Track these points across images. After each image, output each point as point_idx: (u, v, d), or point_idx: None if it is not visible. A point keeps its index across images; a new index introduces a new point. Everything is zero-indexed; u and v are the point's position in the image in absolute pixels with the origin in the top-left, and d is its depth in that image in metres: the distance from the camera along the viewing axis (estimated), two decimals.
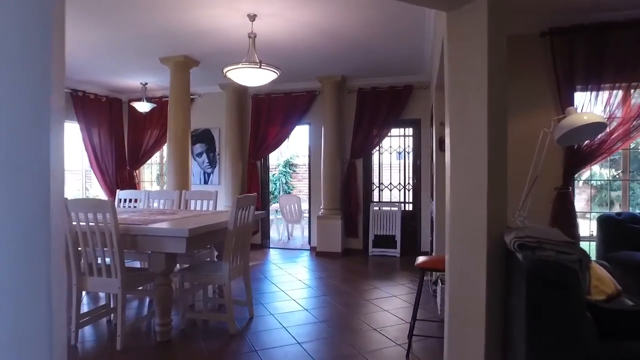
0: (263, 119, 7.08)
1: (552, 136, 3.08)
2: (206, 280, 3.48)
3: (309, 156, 7.17)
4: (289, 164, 14.16)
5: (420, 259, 3.09)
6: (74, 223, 2.99)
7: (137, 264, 4.43)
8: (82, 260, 3.06)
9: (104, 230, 2.94)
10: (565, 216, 4.14)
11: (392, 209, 6.70)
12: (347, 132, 6.82)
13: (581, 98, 4.04)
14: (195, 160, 7.43)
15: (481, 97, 2.08)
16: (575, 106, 3.94)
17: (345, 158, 6.80)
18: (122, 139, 7.65)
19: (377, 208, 6.76)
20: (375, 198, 6.98)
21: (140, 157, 7.60)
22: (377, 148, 6.87)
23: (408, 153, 6.79)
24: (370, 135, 6.70)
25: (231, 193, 7.09)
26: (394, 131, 6.86)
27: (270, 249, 7.31)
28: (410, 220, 6.73)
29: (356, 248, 6.85)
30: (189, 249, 2.99)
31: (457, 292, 2.18)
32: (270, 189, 14.34)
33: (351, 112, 6.77)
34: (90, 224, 2.96)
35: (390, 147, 6.87)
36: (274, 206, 9.16)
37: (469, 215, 2.13)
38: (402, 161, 6.83)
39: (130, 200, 4.90)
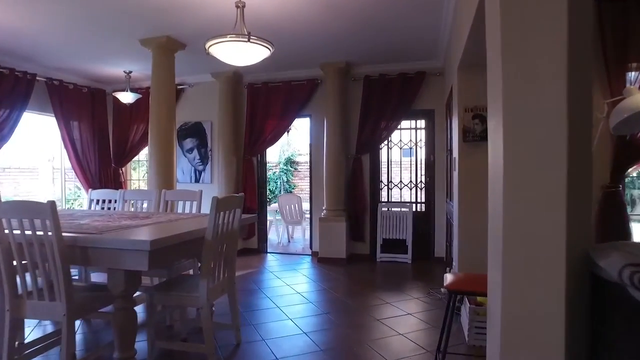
0: (259, 110, 6.43)
1: (607, 123, 2.43)
2: (178, 303, 2.82)
3: (310, 152, 6.51)
4: (290, 162, 13.51)
5: (449, 277, 2.43)
6: (7, 231, 2.34)
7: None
8: (19, 279, 2.41)
9: (44, 241, 2.29)
10: (615, 220, 3.45)
11: (403, 210, 6.03)
12: (353, 125, 6.15)
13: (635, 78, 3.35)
14: (185, 156, 6.79)
15: (558, 64, 1.42)
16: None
17: (350, 154, 6.14)
18: (107, 134, 7.01)
19: (386, 209, 6.09)
20: (384, 198, 6.31)
21: (126, 154, 6.97)
22: (386, 142, 6.20)
23: (420, 147, 6.11)
24: (378, 128, 6.03)
25: (225, 192, 6.43)
26: (405, 123, 6.19)
27: (268, 254, 6.65)
28: (423, 223, 6.06)
29: (362, 253, 6.19)
30: (154, 265, 2.33)
31: (516, 332, 1.51)
32: (271, 188, 13.71)
33: (357, 102, 6.11)
34: (28, 232, 2.32)
35: (401, 141, 6.20)
36: (273, 206, 8.51)
37: (536, 227, 1.46)
38: (413, 157, 6.15)
39: (106, 201, 4.25)
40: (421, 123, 6.14)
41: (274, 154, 15.75)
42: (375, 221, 6.06)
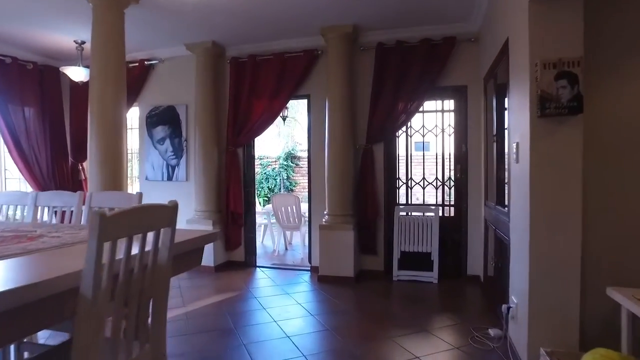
0: (245, 90, 5.14)
1: None
2: None
3: (309, 141, 5.21)
4: (291, 157, 12.22)
5: None
6: None
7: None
8: None
9: None
10: None
11: (427, 215, 4.73)
12: (362, 107, 4.85)
13: None
14: (155, 148, 5.52)
15: None
16: None
17: (360, 143, 4.84)
18: (62, 121, 5.76)
19: (405, 214, 4.80)
20: (402, 199, 5.01)
21: (86, 145, 5.70)
22: (404, 129, 4.89)
23: (449, 135, 4.80)
24: (395, 111, 4.73)
25: (203, 192, 5.17)
26: (429, 105, 4.88)
27: (258, 270, 5.38)
28: (452, 231, 4.76)
29: (375, 270, 4.90)
30: None
31: None
32: (270, 185, 12.47)
33: (367, 78, 4.81)
34: None
35: (423, 127, 4.88)
36: (269, 207, 7.24)
37: None
38: (439, 147, 4.84)
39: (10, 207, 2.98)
40: (449, 104, 4.82)
41: (274, 148, 14.51)
42: (391, 229, 4.77)
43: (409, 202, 4.99)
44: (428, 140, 4.95)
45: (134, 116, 5.74)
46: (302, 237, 6.60)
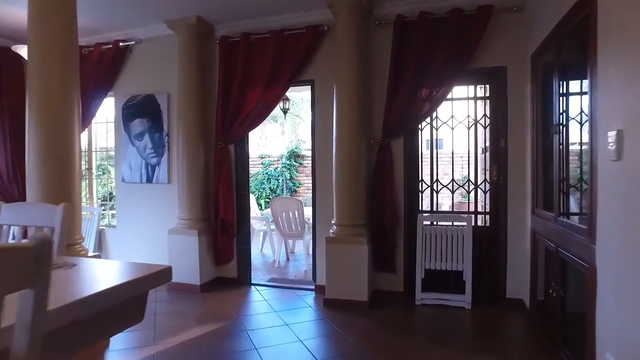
0: (237, 75, 4.31)
1: None
2: None
3: (313, 136, 4.37)
4: (294, 155, 11.39)
5: None
6: None
7: None
8: None
9: None
10: None
11: (457, 224, 3.88)
12: (377, 94, 4.01)
13: None
14: (133, 145, 4.71)
15: None
16: None
17: (375, 138, 4.00)
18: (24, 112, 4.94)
19: (430, 223, 3.95)
20: (426, 205, 4.16)
21: None
22: (429, 120, 4.04)
23: (484, 127, 3.94)
24: (417, 99, 3.88)
25: (188, 197, 4.35)
26: (459, 92, 4.02)
27: (253, 288, 4.55)
28: (488, 245, 3.90)
29: (393, 291, 4.06)
30: None
31: None
32: (272, 186, 11.65)
33: (383, 58, 3.96)
34: None
35: (452, 117, 4.02)
36: (267, 211, 6.42)
37: None
38: (471, 142, 3.98)
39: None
40: (483, 90, 3.97)
41: (276, 147, 13.69)
42: (413, 242, 3.92)
43: (435, 209, 4.13)
44: (458, 134, 4.09)
45: (109, 108, 4.93)
46: (305, 246, 5.76)
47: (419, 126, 4.02)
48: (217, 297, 4.21)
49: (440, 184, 4.04)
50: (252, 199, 7.09)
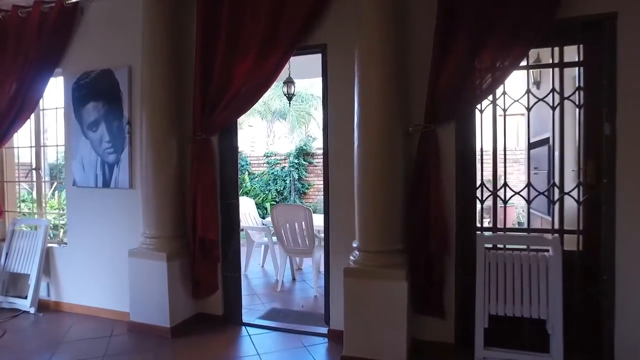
0: (221, 42, 3.13)
1: None
2: None
3: (325, 125, 3.16)
4: (303, 153, 10.19)
5: None
6: None
7: None
8: None
9: None
10: None
11: (535, 250, 2.64)
12: (418, 63, 2.80)
13: None
14: (86, 137, 3.56)
15: None
16: None
17: (413, 125, 2.78)
18: None
19: (493, 247, 2.73)
20: (488, 221, 2.93)
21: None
22: (491, 98, 2.81)
23: (578, 107, 2.68)
24: (475, 67, 2.66)
25: (155, 207, 3.19)
26: (540, 55, 2.77)
27: (243, 332, 3.36)
28: (584, 279, 2.65)
29: (441, 342, 2.83)
30: None
31: None
32: (279, 187, 10.47)
33: (426, 11, 2.75)
34: None
35: (529, 93, 2.77)
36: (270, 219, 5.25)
37: None
38: (555, 130, 2.74)
39: None
40: (573, 53, 2.71)
41: (283, 145, 12.54)
42: (470, 274, 2.69)
43: (500, 225, 2.88)
44: (534, 118, 2.85)
45: (57, 90, 3.79)
46: (315, 264, 4.59)
47: (479, 106, 2.80)
48: (192, 346, 3.04)
49: (511, 189, 2.79)
50: (252, 204, 5.93)
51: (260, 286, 5.00)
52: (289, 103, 5.34)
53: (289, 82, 5.05)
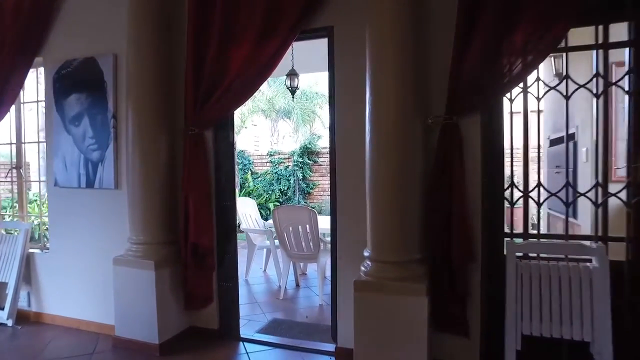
0: (215, 26, 2.79)
1: None
2: None
3: (332, 118, 2.80)
4: (307, 152, 9.86)
5: None
6: None
7: None
8: None
9: None
10: None
11: (575, 260, 2.28)
12: (438, 44, 2.45)
13: None
14: (68, 132, 3.23)
15: None
16: None
17: (433, 116, 2.43)
18: None
19: (525, 256, 2.37)
20: (519, 226, 2.57)
21: None
22: (522, 85, 2.44)
23: (628, 94, 2.31)
24: (502, 51, 2.30)
25: (143, 210, 2.86)
26: (576, 35, 2.39)
27: (242, 347, 3.03)
28: (632, 293, 2.29)
29: None
30: None
31: None
32: (282, 187, 10.13)
33: None
34: None
35: (567, 78, 2.39)
36: (268, 223, 4.91)
37: None
38: (599, 121, 2.38)
39: None
40: (620, 31, 2.34)
41: (287, 143, 12.23)
42: (498, 287, 2.34)
43: (534, 230, 2.52)
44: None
45: (38, 81, 3.48)
46: (321, 269, 4.26)
47: (508, 95, 2.44)
48: None
49: (545, 189, 2.43)
50: (253, 204, 5.59)
51: (261, 293, 4.67)
52: (292, 97, 5.00)
53: (292, 74, 4.71)
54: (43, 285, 3.44)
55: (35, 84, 3.51)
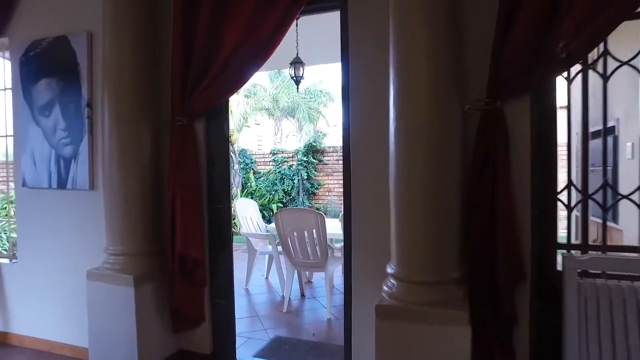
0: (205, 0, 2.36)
1: None
2: None
3: (346, 110, 2.34)
4: (312, 150, 9.42)
5: None
6: None
7: None
8: None
9: None
10: None
11: None
12: (474, 20, 1.99)
13: None
14: (37, 124, 2.79)
15: None
16: None
17: (472, 100, 1.96)
18: None
19: (584, 273, 1.90)
20: (576, 233, 2.10)
21: None
22: (581, 63, 1.98)
23: None
24: (556, 21, 1.82)
25: (122, 215, 2.41)
26: None
27: None
28: None
29: None
30: None
31: None
32: (286, 187, 9.70)
33: None
34: None
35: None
36: (270, 227, 4.47)
37: None
38: None
39: None
40: None
41: (291, 142, 11.81)
42: (554, 311, 1.88)
43: (591, 241, 2.06)
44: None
45: (4, 66, 3.04)
46: (329, 278, 3.81)
47: (566, 74, 1.98)
48: None
49: (616, 192, 1.96)
50: (254, 206, 5.15)
51: (263, 305, 4.24)
52: (297, 89, 4.54)
53: (296, 62, 4.26)
54: (10, 301, 3.00)
55: (2, 70, 3.07)
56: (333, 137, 10.30)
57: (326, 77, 12.59)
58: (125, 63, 2.42)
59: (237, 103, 10.92)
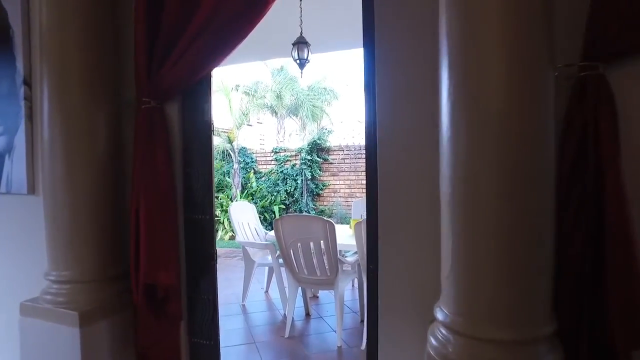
0: None
1: None
2: None
3: (371, 104, 1.70)
4: (316, 148, 8.81)
5: None
6: None
7: None
8: None
9: None
10: None
11: None
12: None
13: None
14: None
15: None
16: None
17: (562, 64, 1.33)
18: None
19: None
20: None
21: None
22: None
23: None
24: None
25: (70, 227, 1.78)
26: None
27: None
28: None
29: None
30: None
31: None
32: (289, 188, 9.07)
33: None
34: None
35: None
36: (269, 235, 3.83)
37: None
38: None
39: None
40: None
41: (294, 141, 11.22)
42: None
43: None
44: None
45: None
46: (339, 298, 3.19)
47: None
48: None
49: None
50: (252, 210, 4.53)
51: (261, 327, 3.62)
52: (301, 73, 3.91)
53: (300, 43, 3.63)
54: None
55: None
56: (339, 135, 9.70)
57: (330, 73, 12.01)
58: (71, 28, 1.80)
59: (239, 99, 10.38)
